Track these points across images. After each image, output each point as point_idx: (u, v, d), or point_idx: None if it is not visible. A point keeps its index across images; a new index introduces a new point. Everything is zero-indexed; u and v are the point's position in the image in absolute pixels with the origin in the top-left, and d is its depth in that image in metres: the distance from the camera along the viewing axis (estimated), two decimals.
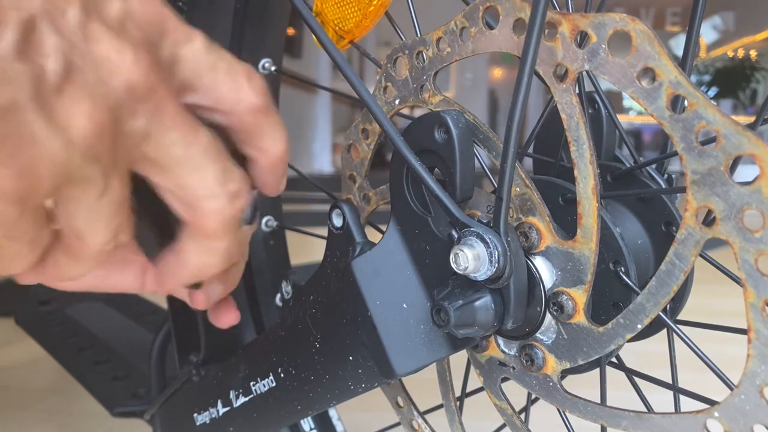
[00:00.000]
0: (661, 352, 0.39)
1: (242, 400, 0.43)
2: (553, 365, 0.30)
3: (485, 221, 0.31)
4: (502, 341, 0.33)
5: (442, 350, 0.32)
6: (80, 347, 1.10)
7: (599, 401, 0.30)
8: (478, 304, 0.29)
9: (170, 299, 0.56)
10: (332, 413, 0.56)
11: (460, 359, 0.37)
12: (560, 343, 0.30)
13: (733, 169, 0.24)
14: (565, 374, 0.31)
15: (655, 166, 0.36)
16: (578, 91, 0.30)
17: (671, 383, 0.34)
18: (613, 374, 0.35)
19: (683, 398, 0.33)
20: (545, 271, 0.30)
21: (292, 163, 0.58)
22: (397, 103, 0.37)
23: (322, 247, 0.36)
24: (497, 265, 0.28)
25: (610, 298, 0.32)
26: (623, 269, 0.32)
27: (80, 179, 0.25)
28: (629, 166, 0.37)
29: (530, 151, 0.39)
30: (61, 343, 1.10)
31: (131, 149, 0.26)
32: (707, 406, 0.25)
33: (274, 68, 0.55)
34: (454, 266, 0.29)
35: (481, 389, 0.36)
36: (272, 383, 0.40)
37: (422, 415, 0.42)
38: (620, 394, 0.41)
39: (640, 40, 0.25)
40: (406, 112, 0.38)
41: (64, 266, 0.29)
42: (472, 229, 0.29)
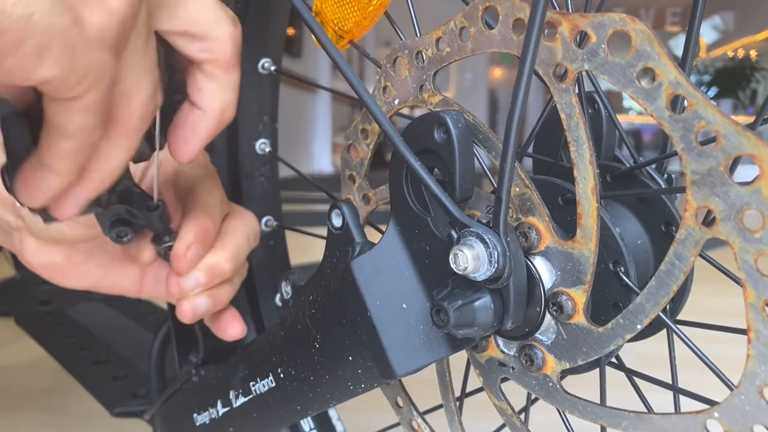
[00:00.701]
0: (661, 352, 0.39)
1: (242, 400, 0.43)
2: (552, 365, 0.30)
3: (485, 221, 0.31)
4: (501, 341, 0.33)
5: (441, 350, 0.32)
6: (80, 347, 1.10)
7: (599, 401, 0.30)
8: (477, 304, 0.29)
9: None
10: (332, 413, 0.56)
11: (459, 359, 0.37)
12: (560, 343, 0.30)
13: (732, 169, 0.24)
14: (564, 374, 0.31)
15: (654, 166, 0.36)
16: (578, 91, 0.30)
17: (671, 383, 0.34)
18: (613, 374, 0.35)
19: (683, 398, 0.33)
20: (545, 271, 0.30)
21: (292, 162, 0.58)
22: (396, 103, 0.37)
23: (322, 247, 0.36)
24: (497, 265, 0.28)
25: (609, 298, 0.32)
26: (623, 269, 0.32)
27: (135, 24, 0.27)
28: (629, 166, 0.37)
29: (530, 151, 0.39)
30: (61, 343, 1.10)
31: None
32: (707, 406, 0.25)
33: (273, 68, 0.55)
34: (453, 266, 0.29)
35: (480, 389, 0.36)
36: (272, 383, 0.40)
37: (422, 415, 0.42)
38: (620, 394, 0.41)
39: (639, 40, 0.25)
40: (405, 112, 0.38)
41: (108, 154, 0.30)
42: (471, 229, 0.29)
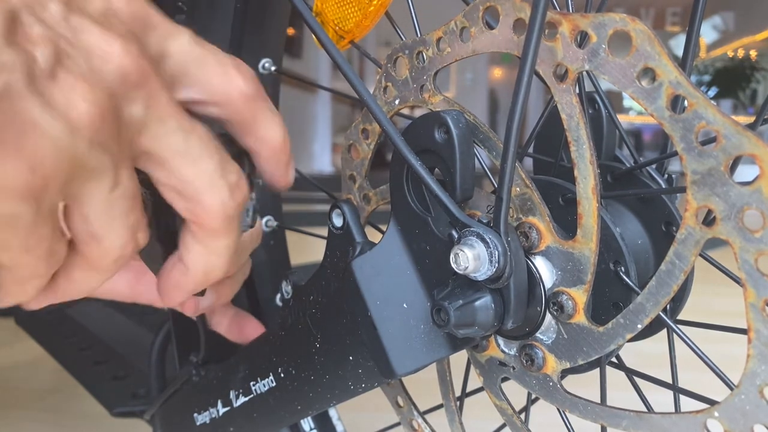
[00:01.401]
0: (661, 352, 0.39)
1: (242, 400, 0.43)
2: (553, 365, 0.30)
3: (485, 221, 0.31)
4: (502, 341, 0.33)
5: (442, 350, 0.32)
6: (80, 347, 1.10)
7: (599, 401, 0.30)
8: (478, 304, 0.29)
9: None
10: (332, 413, 0.56)
11: (460, 359, 0.37)
12: (560, 343, 0.30)
13: (733, 169, 0.24)
14: (565, 374, 0.31)
15: (655, 166, 0.36)
16: (578, 91, 0.30)
17: (671, 383, 0.34)
18: (613, 374, 0.35)
19: (683, 398, 0.33)
20: (545, 271, 0.30)
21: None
22: (397, 103, 0.37)
23: (322, 247, 0.36)
24: (497, 265, 0.28)
25: (610, 298, 0.32)
26: (623, 269, 0.32)
27: (90, 170, 0.24)
28: (629, 166, 0.37)
29: (530, 151, 0.39)
30: (61, 343, 1.10)
31: (132, 142, 0.26)
32: (707, 406, 0.25)
33: (274, 68, 0.55)
34: (454, 266, 0.29)
35: (481, 389, 0.36)
36: (272, 383, 0.40)
37: (422, 415, 0.42)
38: (620, 394, 0.41)
39: (640, 40, 0.25)
40: (406, 112, 0.38)
41: (79, 280, 0.28)
42: (472, 229, 0.29)
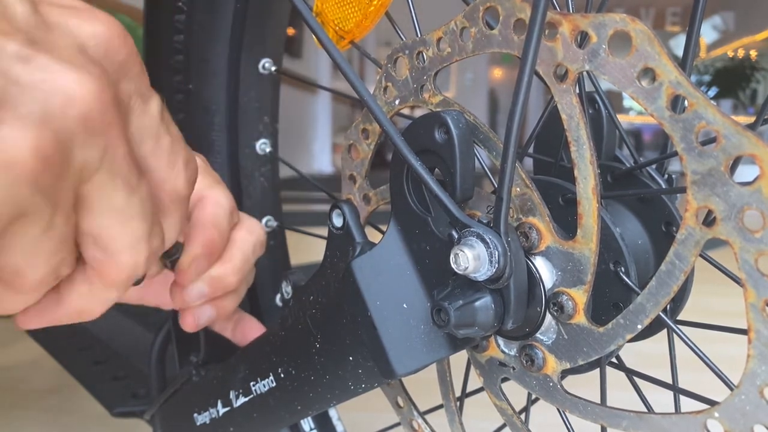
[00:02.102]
0: (661, 352, 0.39)
1: (242, 400, 0.43)
2: (553, 365, 0.30)
3: (485, 221, 0.31)
4: (502, 341, 0.33)
5: (442, 350, 0.32)
6: (80, 347, 1.10)
7: (599, 401, 0.30)
8: (478, 304, 0.29)
9: None
10: (332, 413, 0.56)
11: (460, 359, 0.37)
12: (560, 343, 0.30)
13: (733, 169, 0.24)
14: (565, 374, 0.31)
15: (655, 166, 0.36)
16: (578, 91, 0.30)
17: (671, 383, 0.34)
18: (613, 374, 0.35)
19: (683, 398, 0.33)
20: (545, 271, 0.30)
21: (292, 162, 0.59)
22: (397, 103, 0.37)
23: (322, 247, 0.36)
24: (497, 265, 0.28)
25: (610, 298, 0.32)
26: (623, 269, 0.32)
27: (26, 212, 0.24)
28: (629, 166, 0.37)
29: (530, 151, 0.39)
30: (61, 343, 1.10)
31: (75, 187, 0.25)
32: (707, 406, 0.25)
33: (274, 68, 0.55)
34: (454, 266, 0.29)
35: (481, 389, 0.36)
36: (272, 383, 0.40)
37: (422, 415, 0.42)
38: (620, 394, 0.41)
39: (640, 40, 0.25)
40: (406, 112, 0.38)
41: (7, 303, 0.28)
42: (472, 229, 0.29)
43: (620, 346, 0.29)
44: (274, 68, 0.55)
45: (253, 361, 0.43)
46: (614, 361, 0.36)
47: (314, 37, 0.34)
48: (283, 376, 0.39)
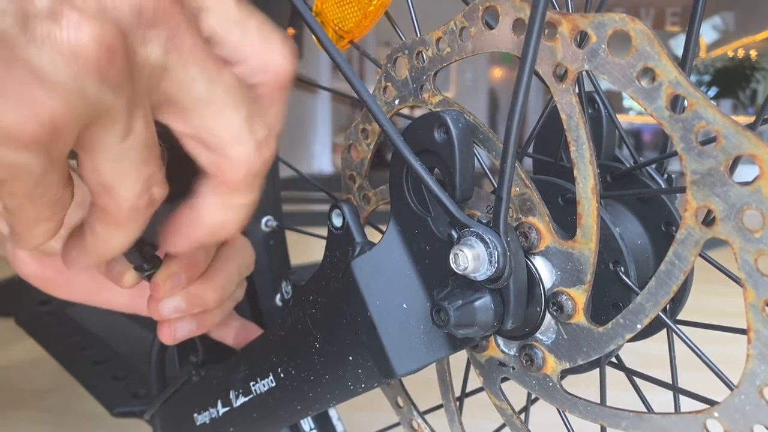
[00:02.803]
0: (661, 352, 0.39)
1: (242, 400, 0.43)
2: (552, 365, 0.30)
3: (485, 221, 0.31)
4: (501, 341, 0.33)
5: (441, 350, 0.32)
6: (80, 347, 1.10)
7: (599, 401, 0.30)
8: (477, 304, 0.29)
9: None
10: (332, 413, 0.56)
11: (460, 359, 0.37)
12: (560, 343, 0.30)
13: (732, 169, 0.24)
14: (564, 374, 0.31)
15: (654, 166, 0.36)
16: (578, 91, 0.30)
17: (671, 383, 0.34)
18: (613, 374, 0.35)
19: (683, 398, 0.33)
20: (545, 271, 0.30)
21: (292, 162, 0.58)
22: (396, 103, 0.37)
23: (322, 247, 0.36)
24: (497, 265, 0.28)
25: (609, 298, 0.32)
26: (623, 269, 0.32)
27: (101, 113, 0.23)
28: (629, 166, 0.37)
29: (530, 151, 0.39)
30: (61, 343, 1.10)
31: (151, 88, 0.25)
32: (707, 406, 0.25)
33: None
34: (453, 266, 0.29)
35: (481, 389, 0.36)
36: (272, 383, 0.40)
37: (422, 415, 0.42)
38: (620, 394, 0.41)
39: (639, 40, 0.25)
40: (405, 112, 0.38)
41: (102, 236, 0.27)
42: (471, 229, 0.29)
43: (620, 345, 0.29)
44: None
45: (252, 360, 0.43)
46: (614, 360, 0.36)
47: (314, 37, 0.34)
48: (282, 376, 0.39)
